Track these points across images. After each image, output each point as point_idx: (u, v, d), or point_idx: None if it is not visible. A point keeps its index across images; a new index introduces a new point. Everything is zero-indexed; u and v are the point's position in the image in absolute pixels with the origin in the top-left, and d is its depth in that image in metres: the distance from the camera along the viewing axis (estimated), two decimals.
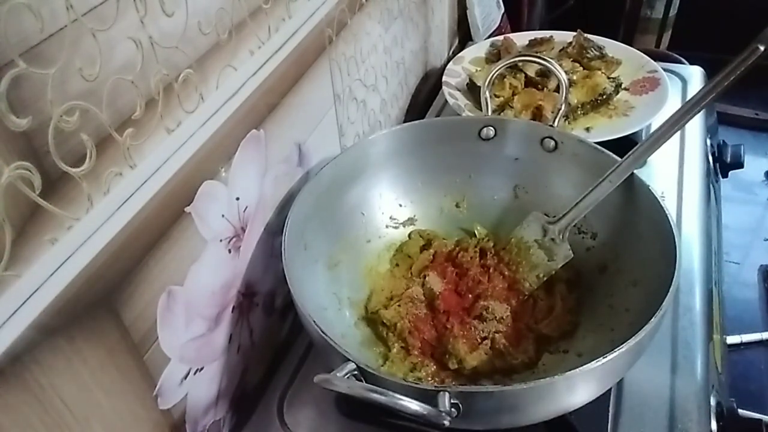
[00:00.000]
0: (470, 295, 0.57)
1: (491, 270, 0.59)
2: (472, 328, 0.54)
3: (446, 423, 0.37)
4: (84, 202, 0.32)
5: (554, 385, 0.39)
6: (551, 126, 0.61)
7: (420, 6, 0.85)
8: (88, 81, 0.31)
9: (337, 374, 0.39)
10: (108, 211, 0.34)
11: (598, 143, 0.58)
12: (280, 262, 0.47)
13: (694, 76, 0.93)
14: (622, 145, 0.65)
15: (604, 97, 0.80)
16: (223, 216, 0.46)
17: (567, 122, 0.78)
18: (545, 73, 0.82)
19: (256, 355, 0.55)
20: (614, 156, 0.56)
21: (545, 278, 0.56)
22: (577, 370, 0.38)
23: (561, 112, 0.61)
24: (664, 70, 0.83)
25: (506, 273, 0.58)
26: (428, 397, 0.37)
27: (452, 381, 0.52)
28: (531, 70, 0.82)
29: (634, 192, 0.53)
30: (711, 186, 0.78)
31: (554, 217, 0.57)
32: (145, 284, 0.38)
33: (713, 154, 0.86)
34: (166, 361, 0.42)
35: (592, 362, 0.39)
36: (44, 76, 0.29)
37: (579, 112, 0.79)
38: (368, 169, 0.61)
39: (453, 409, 0.37)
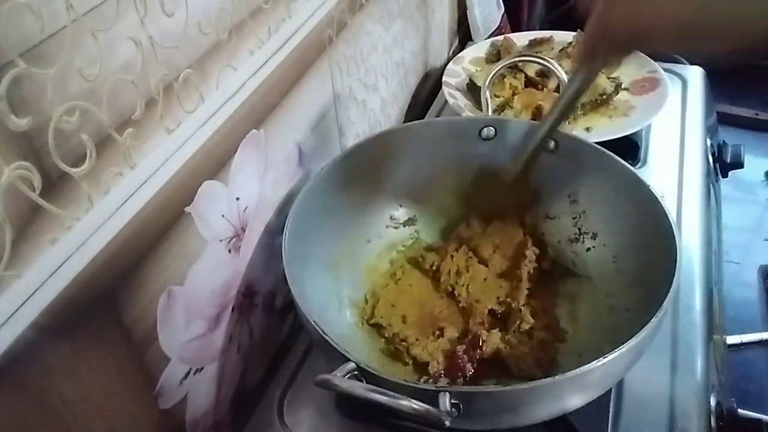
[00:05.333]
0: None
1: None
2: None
3: (447, 423, 0.37)
4: (84, 202, 0.32)
5: (554, 385, 0.39)
6: None
7: (420, 6, 0.85)
8: (88, 81, 0.31)
9: (337, 374, 0.39)
10: (108, 211, 0.34)
11: (598, 143, 0.58)
12: (280, 262, 0.47)
13: (694, 76, 0.93)
14: (622, 145, 0.66)
15: (604, 97, 0.80)
16: (223, 216, 0.46)
17: (567, 122, 0.78)
18: (545, 73, 0.82)
19: (256, 355, 0.55)
20: (614, 156, 0.56)
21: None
22: (577, 370, 0.38)
23: None
24: (664, 70, 0.83)
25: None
26: (428, 397, 0.37)
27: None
28: (531, 70, 0.83)
29: (634, 192, 0.53)
30: (711, 186, 0.78)
31: None
32: (145, 284, 0.38)
33: (713, 154, 0.86)
34: (166, 361, 0.42)
35: (592, 362, 0.39)
36: (44, 76, 0.29)
37: (579, 112, 0.79)
38: (368, 169, 0.61)
39: (453, 409, 0.37)
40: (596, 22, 0.41)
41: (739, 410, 0.56)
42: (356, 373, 0.39)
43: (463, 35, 1.10)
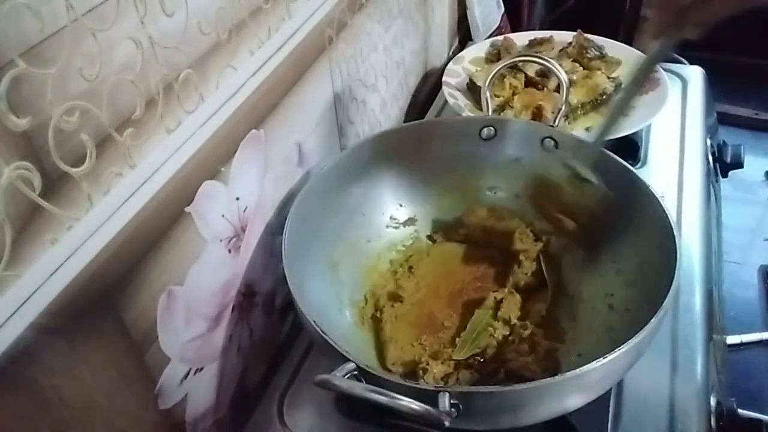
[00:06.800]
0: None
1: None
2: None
3: (446, 423, 0.37)
4: (84, 202, 0.32)
5: (554, 385, 0.39)
6: (551, 126, 0.61)
7: (420, 6, 0.85)
8: (88, 81, 0.31)
9: (337, 374, 0.39)
10: (108, 211, 0.34)
11: None
12: (280, 262, 0.47)
13: (694, 76, 0.93)
14: (622, 145, 0.66)
15: (604, 97, 0.80)
16: (223, 216, 0.46)
17: (567, 122, 0.78)
18: (545, 73, 0.82)
19: (256, 355, 0.55)
20: (614, 156, 0.56)
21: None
22: (577, 370, 0.38)
23: (561, 112, 0.61)
24: (664, 70, 0.83)
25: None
26: (428, 397, 0.37)
27: (456, 377, 0.51)
28: (531, 70, 0.82)
29: (634, 192, 0.53)
30: (711, 186, 0.78)
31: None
32: (145, 284, 0.38)
33: (713, 154, 0.86)
34: (166, 361, 0.42)
35: (592, 362, 0.39)
36: (44, 76, 0.29)
37: (579, 112, 0.79)
38: (368, 169, 0.61)
39: (453, 409, 0.37)
40: None
41: (739, 410, 0.56)
42: (356, 373, 0.39)
43: (463, 35, 1.10)
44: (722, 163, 0.88)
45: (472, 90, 0.84)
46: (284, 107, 0.52)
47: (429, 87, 0.96)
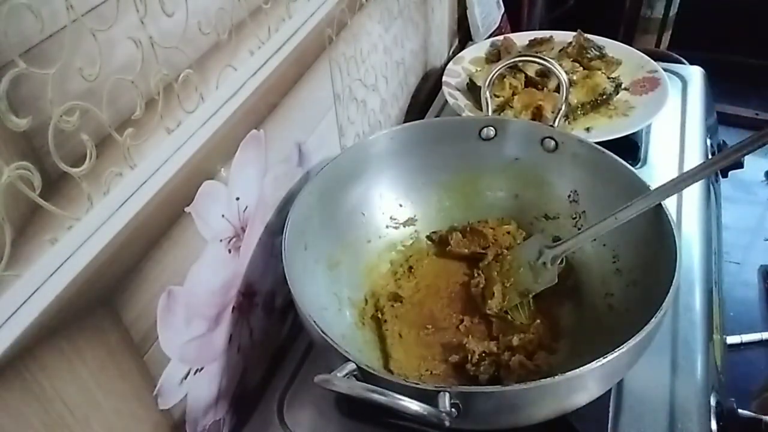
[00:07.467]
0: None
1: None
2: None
3: (446, 423, 0.37)
4: (84, 202, 0.32)
5: (554, 385, 0.39)
6: (551, 126, 0.61)
7: (420, 6, 0.85)
8: (88, 81, 0.31)
9: (337, 374, 0.39)
10: (108, 211, 0.34)
11: (598, 143, 0.58)
12: (280, 262, 0.47)
13: (694, 76, 0.93)
14: (622, 145, 0.66)
15: (604, 97, 0.80)
16: (223, 216, 0.46)
17: (567, 122, 0.78)
18: (545, 73, 0.82)
19: (256, 355, 0.55)
20: (614, 156, 0.56)
21: (520, 300, 0.56)
22: (577, 370, 0.38)
23: (561, 112, 0.61)
24: (664, 70, 0.83)
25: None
26: (428, 397, 0.37)
27: (455, 379, 0.52)
28: (531, 70, 0.82)
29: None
30: (711, 186, 0.78)
31: (554, 242, 0.56)
32: (145, 284, 0.38)
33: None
34: (166, 361, 0.42)
35: (592, 362, 0.39)
36: (44, 76, 0.29)
37: (579, 112, 0.79)
38: (368, 169, 0.61)
39: (453, 409, 0.37)
40: None
41: (739, 410, 0.56)
42: (356, 373, 0.39)
43: (463, 35, 1.10)
44: None
45: (472, 90, 0.84)
46: (284, 107, 0.52)
47: (429, 87, 0.96)
